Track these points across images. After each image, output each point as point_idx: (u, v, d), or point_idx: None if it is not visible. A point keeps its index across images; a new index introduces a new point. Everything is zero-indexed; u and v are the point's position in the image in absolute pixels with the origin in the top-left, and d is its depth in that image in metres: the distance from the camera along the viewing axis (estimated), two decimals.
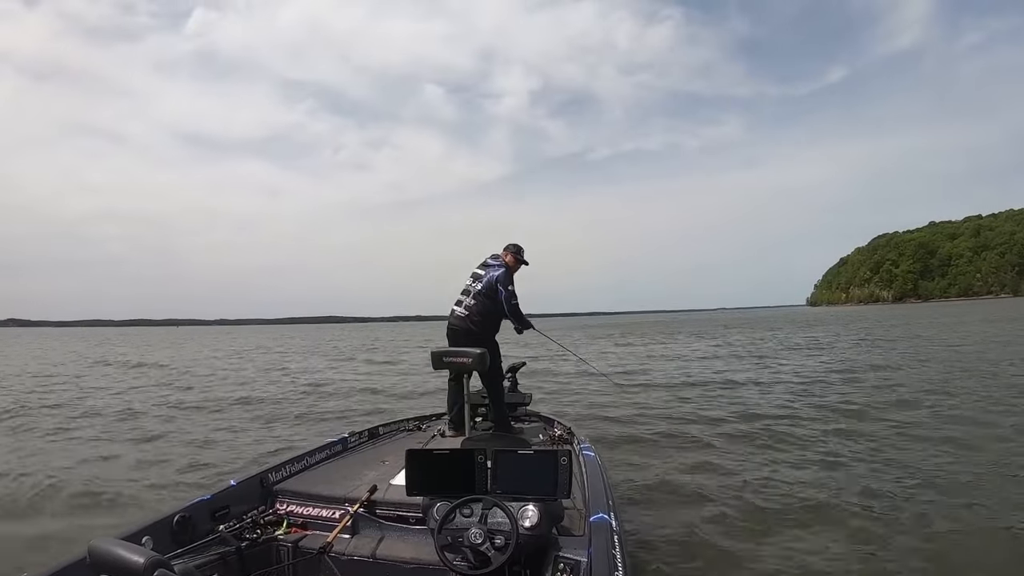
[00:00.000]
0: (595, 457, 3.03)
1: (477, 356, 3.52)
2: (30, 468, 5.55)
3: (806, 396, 8.90)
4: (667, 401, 8.98)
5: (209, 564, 2.18)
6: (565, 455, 2.02)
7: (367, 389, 11.82)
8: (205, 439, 6.94)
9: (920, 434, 6.05)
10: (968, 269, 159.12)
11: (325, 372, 16.09)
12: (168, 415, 8.82)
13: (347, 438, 3.56)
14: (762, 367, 13.76)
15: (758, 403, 8.47)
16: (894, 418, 6.86)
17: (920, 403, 7.79)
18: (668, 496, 4.43)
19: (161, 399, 10.53)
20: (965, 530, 3.58)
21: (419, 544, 2.32)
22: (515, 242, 4.10)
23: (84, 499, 4.65)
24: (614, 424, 7.16)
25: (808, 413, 7.48)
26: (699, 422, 7.17)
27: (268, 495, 2.72)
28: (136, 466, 5.70)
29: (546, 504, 1.98)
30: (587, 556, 1.90)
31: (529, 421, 4.30)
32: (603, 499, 2.38)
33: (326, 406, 9.56)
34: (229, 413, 9.01)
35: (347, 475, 2.94)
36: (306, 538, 2.46)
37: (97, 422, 8.29)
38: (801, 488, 4.44)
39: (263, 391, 11.65)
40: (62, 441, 7.03)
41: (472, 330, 3.87)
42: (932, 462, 5.01)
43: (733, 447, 5.89)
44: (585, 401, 9.12)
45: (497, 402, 3.94)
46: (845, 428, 6.52)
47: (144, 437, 7.12)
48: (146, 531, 2.14)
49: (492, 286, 3.88)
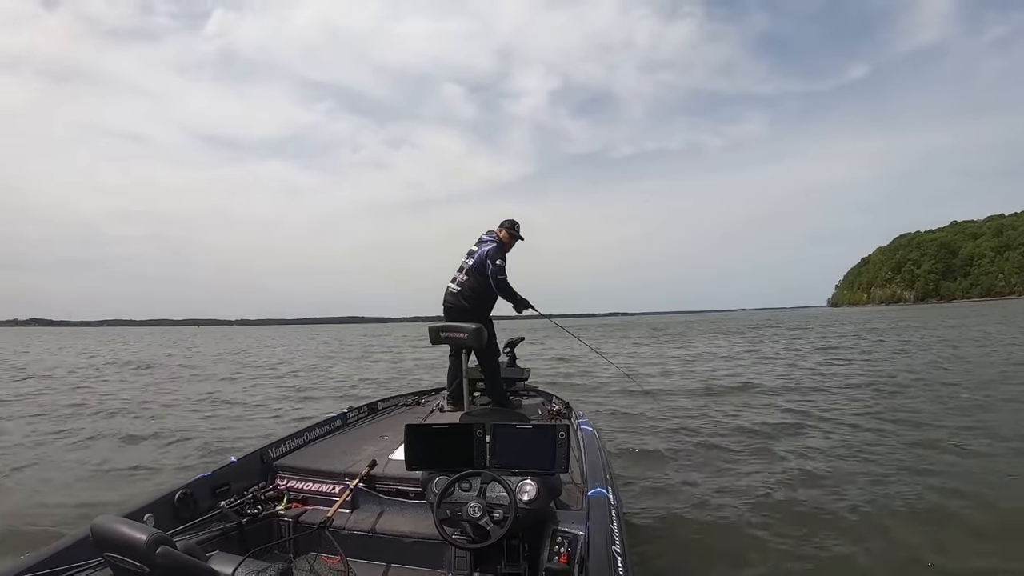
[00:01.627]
0: (593, 432, 3.03)
1: (473, 332, 3.51)
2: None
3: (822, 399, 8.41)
4: (688, 404, 8.46)
5: (211, 540, 2.20)
6: (563, 430, 2.01)
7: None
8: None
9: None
10: (990, 269, 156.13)
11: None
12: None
13: (346, 413, 3.59)
14: (787, 370, 12.70)
15: (779, 404, 8.00)
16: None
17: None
18: (668, 474, 4.43)
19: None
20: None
21: (418, 518, 2.32)
22: (511, 218, 4.08)
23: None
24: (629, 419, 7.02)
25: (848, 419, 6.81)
26: (722, 424, 6.80)
27: (268, 471, 2.75)
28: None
29: (544, 478, 1.97)
30: (585, 530, 1.90)
31: (528, 396, 4.31)
32: (601, 474, 2.38)
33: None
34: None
35: (346, 450, 2.96)
36: (306, 513, 2.48)
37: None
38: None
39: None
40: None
41: (464, 306, 3.86)
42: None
43: (744, 444, 5.72)
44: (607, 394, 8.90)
45: (493, 378, 3.92)
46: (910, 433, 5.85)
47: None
48: (148, 508, 2.16)
49: (483, 261, 3.86)
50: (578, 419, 3.34)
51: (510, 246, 4.02)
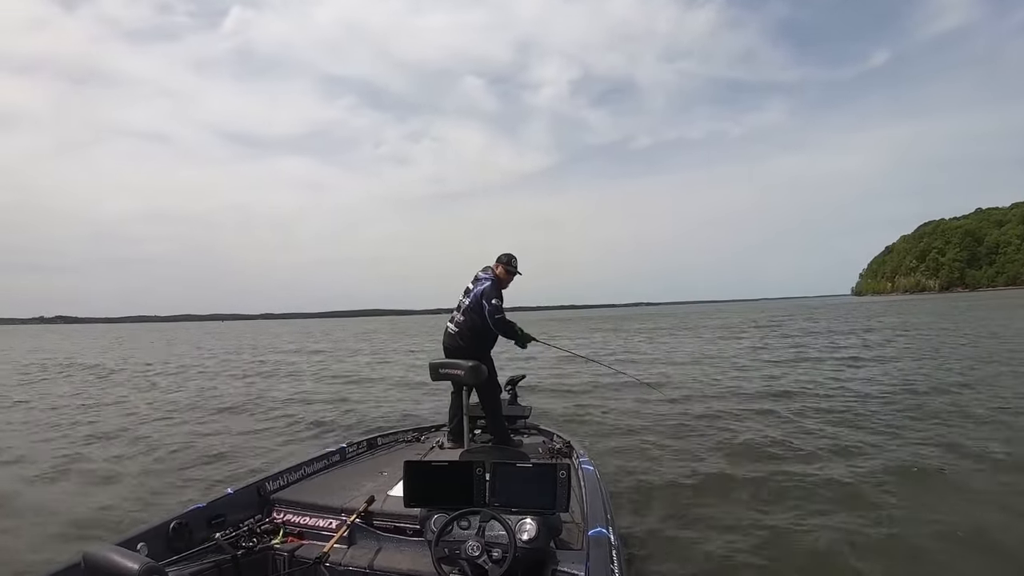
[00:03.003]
0: (594, 471, 3.00)
1: (470, 369, 3.53)
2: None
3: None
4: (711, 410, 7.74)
5: (204, 572, 2.18)
6: (564, 468, 2.01)
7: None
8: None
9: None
10: (1017, 257, 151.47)
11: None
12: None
13: (345, 448, 3.55)
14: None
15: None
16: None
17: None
18: (671, 510, 4.22)
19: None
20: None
21: (416, 556, 2.29)
22: (509, 252, 3.97)
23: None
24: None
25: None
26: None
27: (265, 504, 2.72)
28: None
29: (544, 517, 1.96)
30: (585, 570, 1.89)
31: (529, 434, 4.26)
32: (602, 513, 2.36)
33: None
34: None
35: (345, 485, 2.93)
36: (302, 547, 2.45)
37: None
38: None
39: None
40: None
41: (461, 346, 3.82)
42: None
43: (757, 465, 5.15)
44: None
45: (494, 416, 3.88)
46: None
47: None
48: (141, 537, 2.14)
49: (478, 301, 3.81)
50: (579, 458, 3.31)
51: (507, 282, 3.96)
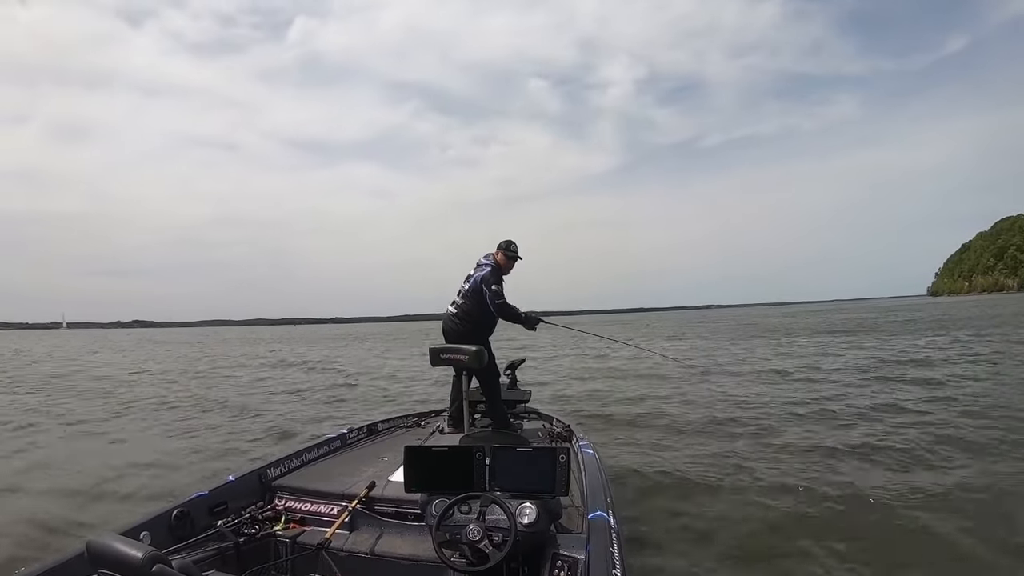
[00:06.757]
0: (594, 455, 3.02)
1: (472, 353, 3.53)
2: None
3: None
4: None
5: (207, 559, 2.19)
6: (564, 452, 2.02)
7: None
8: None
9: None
10: None
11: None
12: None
13: (346, 434, 3.58)
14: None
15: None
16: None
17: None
18: (670, 495, 4.30)
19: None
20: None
21: (417, 541, 2.31)
22: (509, 238, 4.07)
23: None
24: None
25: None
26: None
27: (266, 491, 2.74)
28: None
29: (544, 501, 1.97)
30: (585, 553, 1.89)
31: (528, 418, 4.31)
32: (601, 497, 2.38)
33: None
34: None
35: (345, 471, 2.94)
36: (304, 534, 2.47)
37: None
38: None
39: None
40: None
41: (460, 331, 3.87)
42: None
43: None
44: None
45: (494, 400, 3.93)
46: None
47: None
48: (144, 526, 2.16)
49: (478, 287, 3.88)
50: (579, 442, 3.32)
51: (508, 268, 4.02)
